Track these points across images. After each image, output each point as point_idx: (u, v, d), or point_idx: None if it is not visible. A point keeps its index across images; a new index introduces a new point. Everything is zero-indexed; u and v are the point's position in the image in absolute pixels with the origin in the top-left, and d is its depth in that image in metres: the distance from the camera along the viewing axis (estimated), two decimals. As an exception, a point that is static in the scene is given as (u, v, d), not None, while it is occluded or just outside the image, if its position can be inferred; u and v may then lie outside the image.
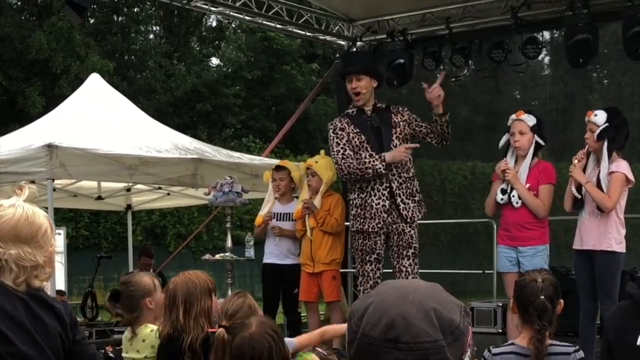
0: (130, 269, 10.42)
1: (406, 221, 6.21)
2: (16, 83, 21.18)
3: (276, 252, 7.34)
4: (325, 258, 7.01)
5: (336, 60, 10.93)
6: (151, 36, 26.86)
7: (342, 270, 8.07)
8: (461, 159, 19.97)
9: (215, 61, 26.91)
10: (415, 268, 6.23)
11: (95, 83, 9.49)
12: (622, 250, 5.95)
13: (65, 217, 17.75)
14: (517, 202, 6.13)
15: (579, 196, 6.00)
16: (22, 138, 8.16)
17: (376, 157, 6.12)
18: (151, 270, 9.64)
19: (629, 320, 3.51)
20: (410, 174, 6.31)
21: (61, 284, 10.56)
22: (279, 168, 7.46)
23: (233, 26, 25.73)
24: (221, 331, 3.02)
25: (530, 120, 6.16)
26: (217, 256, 7.52)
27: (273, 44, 24.50)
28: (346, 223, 7.05)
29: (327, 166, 6.97)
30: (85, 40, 21.27)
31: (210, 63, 26.66)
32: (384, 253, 6.31)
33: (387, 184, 6.19)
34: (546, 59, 15.99)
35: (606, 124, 5.85)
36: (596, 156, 5.98)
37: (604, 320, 5.30)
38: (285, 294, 7.38)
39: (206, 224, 14.01)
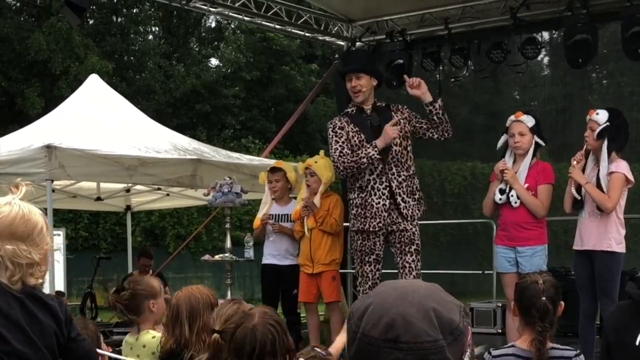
0: (129, 270, 10.42)
1: (407, 219, 6.22)
2: (15, 84, 21.17)
3: (275, 253, 7.34)
4: (324, 258, 7.00)
5: (335, 60, 10.93)
6: (150, 37, 26.84)
7: (342, 270, 8.06)
8: (461, 160, 19.97)
9: (214, 62, 26.91)
10: (418, 264, 6.23)
11: (94, 84, 9.49)
12: (622, 250, 5.96)
13: (64, 218, 17.73)
14: (516, 202, 6.13)
15: (579, 197, 6.00)
16: (21, 139, 8.15)
17: (368, 146, 6.12)
18: (150, 271, 9.65)
19: (629, 320, 3.52)
20: (410, 172, 6.31)
21: (60, 285, 10.55)
22: (274, 170, 7.44)
23: (232, 27, 25.71)
24: (216, 336, 3.00)
25: (529, 121, 6.17)
26: (217, 257, 7.53)
27: (272, 45, 24.49)
28: (345, 224, 7.05)
29: (327, 166, 6.97)
30: (84, 41, 21.25)
31: (209, 64, 26.64)
32: (383, 253, 6.32)
33: (387, 183, 6.19)
34: (545, 60, 15.98)
35: (607, 123, 5.86)
36: (595, 156, 5.98)
37: (604, 320, 5.30)
38: (284, 295, 7.37)
39: (205, 225, 13.99)
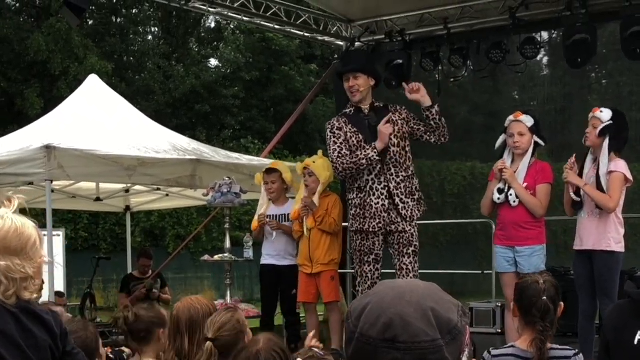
0: (129, 271, 10.41)
1: (406, 220, 6.21)
2: (15, 84, 21.18)
3: (274, 254, 7.33)
4: (323, 258, 6.99)
5: (335, 60, 10.92)
6: (150, 37, 26.85)
7: (341, 271, 8.06)
8: (460, 160, 19.97)
9: (213, 62, 26.91)
10: (415, 266, 6.23)
11: (93, 84, 9.47)
12: (621, 250, 5.96)
13: (64, 219, 17.73)
14: (515, 202, 6.13)
15: (578, 199, 6.00)
16: (21, 139, 8.14)
17: (367, 147, 6.12)
18: (150, 271, 9.64)
19: (627, 319, 3.52)
20: (409, 173, 6.30)
21: (60, 285, 10.55)
22: (270, 171, 7.41)
23: (232, 27, 25.71)
24: (209, 344, 2.98)
25: (528, 121, 6.17)
26: (216, 257, 7.53)
27: (271, 45, 24.50)
28: (344, 224, 7.04)
29: (325, 166, 6.96)
30: (83, 41, 21.25)
31: (208, 64, 26.64)
32: (383, 253, 6.31)
33: (385, 184, 6.19)
34: (544, 59, 15.94)
35: (610, 122, 5.86)
36: (594, 155, 5.98)
37: (603, 319, 5.30)
38: (283, 295, 7.36)
39: (205, 225, 13.96)
